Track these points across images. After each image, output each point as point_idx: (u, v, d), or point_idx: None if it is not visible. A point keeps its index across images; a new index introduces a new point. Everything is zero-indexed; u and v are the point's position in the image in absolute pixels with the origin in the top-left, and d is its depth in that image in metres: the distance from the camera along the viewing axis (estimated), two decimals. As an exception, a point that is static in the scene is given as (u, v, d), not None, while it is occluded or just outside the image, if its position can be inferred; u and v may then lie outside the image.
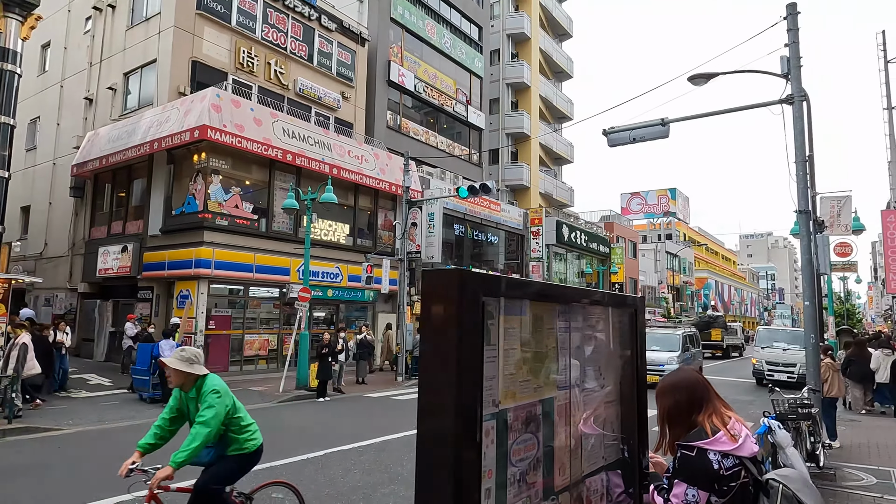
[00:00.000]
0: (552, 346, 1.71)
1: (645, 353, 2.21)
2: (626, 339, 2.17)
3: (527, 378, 1.57)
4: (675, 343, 16.51)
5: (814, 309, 8.63)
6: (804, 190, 8.82)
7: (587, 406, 1.93)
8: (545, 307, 1.68)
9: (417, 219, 20.92)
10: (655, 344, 16.36)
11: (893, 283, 26.39)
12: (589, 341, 1.95)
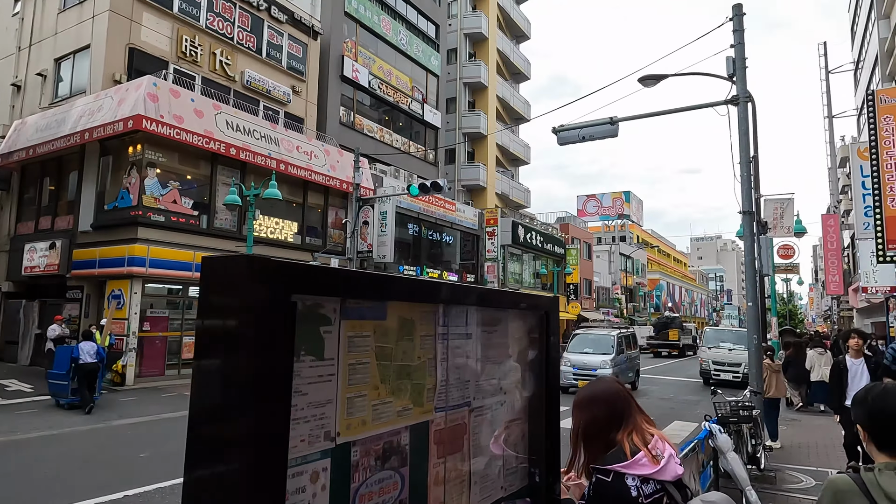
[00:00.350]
0: (428, 357, 1.38)
1: (557, 362, 1.91)
2: (536, 346, 1.87)
3: (386, 399, 1.23)
4: (609, 345, 15.48)
5: (756, 310, 8.63)
6: (748, 191, 8.82)
7: (482, 427, 1.60)
8: (418, 309, 1.34)
9: (369, 217, 20.44)
10: (588, 346, 15.70)
11: (833, 284, 27.41)
12: (485, 350, 1.63)
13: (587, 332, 17.32)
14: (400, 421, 1.27)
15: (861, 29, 32.96)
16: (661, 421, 11.33)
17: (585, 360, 14.88)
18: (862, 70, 33.33)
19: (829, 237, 26.68)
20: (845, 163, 37.80)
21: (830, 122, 38.90)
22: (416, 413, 1.32)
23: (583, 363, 14.84)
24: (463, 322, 1.53)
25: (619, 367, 14.89)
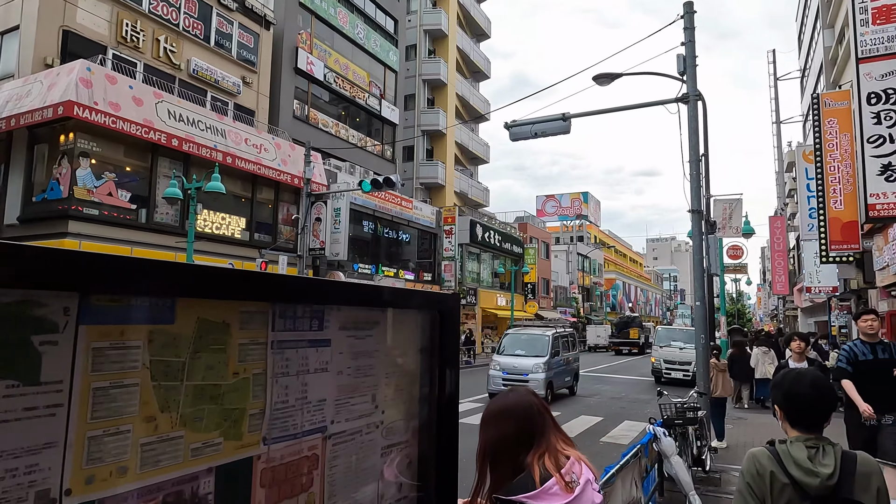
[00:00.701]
0: (254, 372, 1.04)
1: (455, 372, 1.60)
2: (427, 353, 1.55)
3: (172, 434, 0.89)
4: (543, 346, 14.08)
5: (704, 309, 8.60)
6: (697, 189, 8.78)
7: (345, 457, 1.28)
8: (236, 309, 1.01)
9: (322, 214, 19.88)
10: (520, 348, 14.42)
11: (779, 284, 28.25)
12: (353, 360, 1.31)
13: (519, 332, 15.70)
14: (198, 462, 0.93)
15: (807, 38, 34.04)
16: (611, 421, 11.26)
17: (517, 364, 13.62)
18: (808, 77, 34.41)
19: (775, 238, 27.47)
20: (792, 167, 39.09)
21: (778, 128, 40.24)
22: (229, 449, 0.99)
23: (513, 367, 13.63)
24: (316, 325, 1.20)
25: (554, 371, 13.87)
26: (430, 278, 28.27)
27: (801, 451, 1.86)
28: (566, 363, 15.02)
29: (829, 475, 1.79)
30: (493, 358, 14.36)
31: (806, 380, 1.98)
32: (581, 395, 15.12)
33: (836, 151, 12.32)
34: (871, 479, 1.82)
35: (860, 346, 5.15)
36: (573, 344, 16.13)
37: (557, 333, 14.95)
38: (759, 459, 1.93)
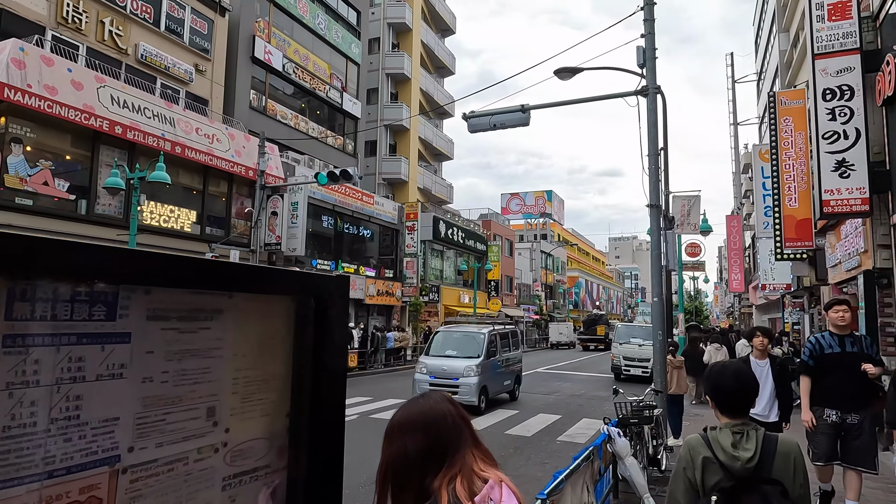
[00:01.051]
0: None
1: (340, 373, 1.26)
2: (300, 352, 1.21)
3: None
4: (478, 346, 12.31)
5: (662, 305, 8.47)
6: (655, 184, 8.64)
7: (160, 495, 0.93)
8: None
9: (278, 207, 19.25)
10: (452, 348, 12.61)
11: (735, 282, 28.82)
12: (176, 360, 0.96)
13: (451, 331, 13.66)
14: None
15: (764, 42, 34.84)
16: (569, 419, 11.10)
17: (446, 367, 11.87)
18: (764, 80, 35.21)
19: (732, 237, 28.00)
20: (748, 168, 40.00)
21: (736, 129, 41.11)
22: None
23: (442, 370, 11.90)
24: (102, 313, 0.84)
25: (489, 375, 12.21)
26: (392, 275, 27.84)
27: (727, 437, 2.06)
28: (506, 365, 13.36)
29: (749, 458, 1.99)
30: (419, 360, 12.50)
31: (729, 371, 2.22)
32: (541, 393, 14.97)
33: (791, 150, 12.44)
34: (789, 460, 2.02)
35: (828, 338, 4.79)
36: (515, 343, 14.50)
37: (495, 331, 13.26)
38: (693, 445, 2.13)
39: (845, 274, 10.15)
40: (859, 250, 8.91)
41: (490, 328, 13.32)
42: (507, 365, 13.49)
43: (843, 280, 10.54)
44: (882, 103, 7.95)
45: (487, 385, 12.12)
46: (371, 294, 25.43)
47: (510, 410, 11.79)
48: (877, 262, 8.28)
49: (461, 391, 11.29)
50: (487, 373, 12.14)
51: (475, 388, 11.57)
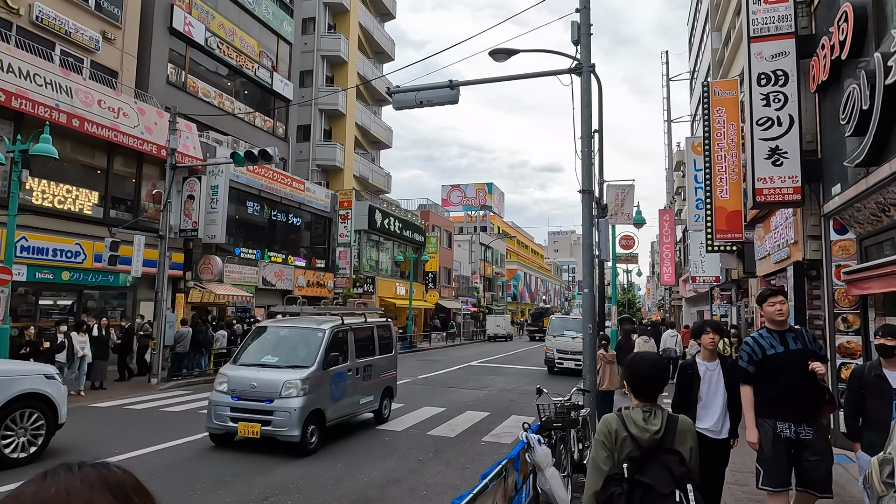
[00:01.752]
0: None
1: None
2: None
3: None
4: (311, 351, 8.28)
5: (593, 297, 7.99)
6: (588, 168, 8.13)
7: None
8: None
9: (195, 191, 17.81)
10: (271, 352, 8.67)
11: (667, 275, 29.37)
12: None
13: (278, 326, 9.42)
14: None
15: (697, 41, 35.64)
16: (497, 416, 10.56)
17: (257, 381, 7.83)
18: (696, 79, 36.05)
19: (664, 231, 28.47)
20: (680, 166, 41.09)
21: (669, 126, 42.02)
22: None
23: (251, 387, 7.82)
24: None
25: (327, 392, 8.22)
26: (324, 265, 26.70)
27: (638, 415, 2.44)
28: (363, 376, 9.24)
29: (656, 431, 2.38)
30: (220, 371, 8.50)
31: (645, 362, 2.60)
32: (471, 388, 14.43)
33: (723, 140, 12.32)
34: (686, 435, 2.44)
35: (766, 337, 4.04)
36: (387, 345, 10.29)
37: (345, 327, 8.96)
38: (610, 422, 2.49)
39: (773, 266, 10.03)
40: (789, 241, 8.75)
41: (336, 322, 8.95)
42: (367, 376, 9.36)
43: (772, 272, 10.45)
44: (815, 89, 7.73)
45: (324, 407, 8.11)
46: (300, 285, 24.23)
47: (435, 408, 11.14)
48: (807, 253, 8.10)
49: (276, 421, 7.51)
50: (324, 389, 8.15)
51: (297, 415, 7.51)
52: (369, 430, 9.11)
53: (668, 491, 2.27)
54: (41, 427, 6.98)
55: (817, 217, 8.03)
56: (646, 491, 2.28)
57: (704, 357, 4.30)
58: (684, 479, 2.31)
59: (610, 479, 2.36)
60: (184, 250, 18.18)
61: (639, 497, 2.28)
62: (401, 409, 10.92)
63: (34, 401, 6.92)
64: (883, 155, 5.76)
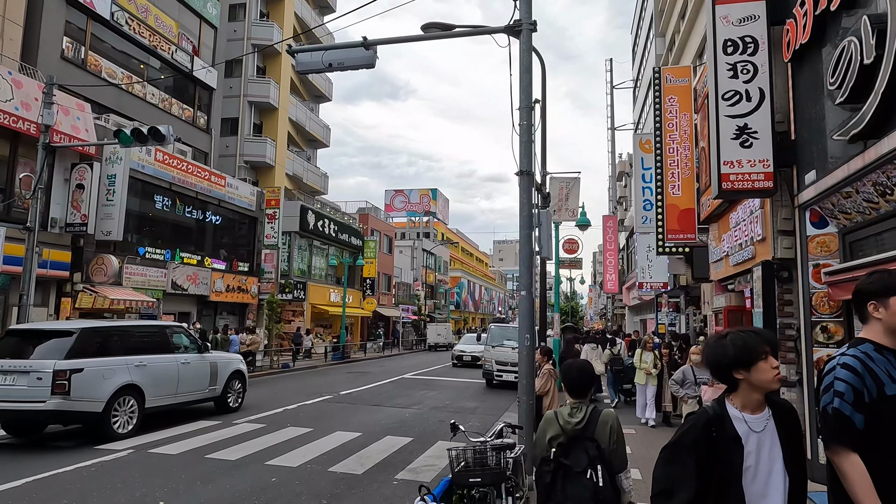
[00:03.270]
0: None
1: None
2: None
3: None
4: None
5: (531, 302, 6.54)
6: (528, 145, 6.70)
7: None
8: None
9: (86, 179, 15.47)
10: None
11: (610, 282, 28.66)
12: None
13: None
14: None
15: (641, 48, 35.47)
16: (421, 442, 8.95)
17: None
18: (640, 87, 35.90)
19: (608, 237, 27.76)
20: (622, 177, 40.99)
21: (613, 134, 41.83)
22: None
23: None
24: None
25: None
26: (248, 269, 24.45)
27: (566, 410, 3.09)
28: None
29: (578, 422, 2.98)
30: None
31: (575, 367, 3.30)
32: (398, 406, 12.78)
33: (675, 132, 11.28)
34: (607, 424, 2.99)
35: (880, 361, 2.07)
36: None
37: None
38: (547, 417, 3.16)
39: (732, 269, 8.92)
40: (755, 238, 7.60)
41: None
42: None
43: (730, 276, 9.35)
44: (790, 58, 6.59)
45: None
46: (218, 290, 21.94)
47: (349, 433, 9.43)
48: (777, 251, 6.94)
49: None
50: None
51: None
52: (254, 464, 7.32)
53: (581, 469, 2.86)
54: (241, 389, 11.76)
55: (790, 209, 6.89)
56: (566, 470, 2.90)
57: (745, 405, 2.06)
58: (596, 461, 2.86)
59: (542, 460, 3.03)
60: (72, 248, 15.75)
61: (561, 475, 2.90)
62: (305, 435, 9.15)
63: (238, 375, 11.66)
64: (890, 122, 4.56)
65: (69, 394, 7.88)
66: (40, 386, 7.77)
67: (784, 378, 6.83)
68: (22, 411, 7.88)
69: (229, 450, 8.00)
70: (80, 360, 8.16)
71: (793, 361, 6.76)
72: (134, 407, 8.86)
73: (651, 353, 10.27)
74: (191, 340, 10.80)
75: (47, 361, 7.93)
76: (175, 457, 7.60)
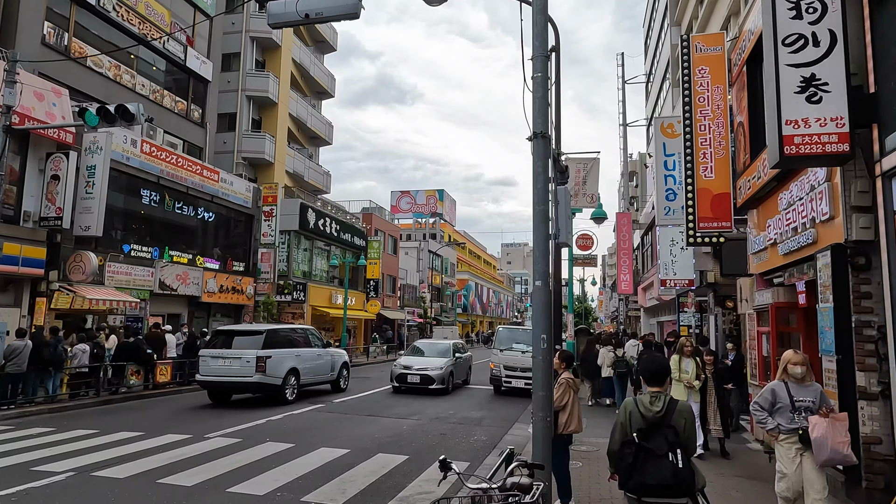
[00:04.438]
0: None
1: None
2: None
3: None
4: None
5: (548, 294, 5.27)
6: (543, 101, 5.45)
7: None
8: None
9: (61, 170, 14.36)
10: None
11: (624, 283, 27.27)
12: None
13: None
14: None
15: (654, 40, 34.15)
16: (419, 461, 7.69)
17: None
18: (653, 82, 34.61)
19: (622, 235, 26.39)
20: (633, 177, 39.60)
21: (625, 130, 40.32)
22: None
23: None
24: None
25: None
26: (243, 268, 23.30)
27: (647, 398, 3.56)
28: None
29: (658, 410, 3.46)
30: None
31: (654, 361, 3.88)
32: (395, 417, 11.51)
33: (707, 107, 9.98)
34: (682, 414, 3.49)
35: None
36: None
37: None
38: (627, 405, 3.61)
39: (782, 259, 7.59)
40: (818, 219, 6.29)
41: None
42: None
43: (777, 268, 8.02)
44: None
45: None
46: (211, 290, 20.80)
47: (336, 450, 8.18)
48: (851, 232, 5.64)
49: None
50: None
51: None
52: (213, 492, 6.08)
53: (663, 453, 3.30)
54: (347, 376, 15.66)
55: (866, 180, 5.59)
56: (648, 452, 3.33)
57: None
58: (675, 445, 3.32)
59: (624, 443, 3.50)
60: (47, 244, 14.63)
61: (643, 457, 3.34)
62: (284, 453, 7.91)
63: (345, 365, 15.64)
64: None
65: (265, 372, 12.25)
66: (248, 366, 12.17)
67: (863, 389, 5.52)
68: (237, 382, 12.35)
69: (188, 473, 6.76)
70: (269, 350, 12.50)
71: (873, 368, 5.45)
72: (294, 383, 13.08)
73: (692, 361, 7.93)
74: (320, 340, 15.30)
75: (251, 351, 12.31)
76: (121, 482, 6.38)
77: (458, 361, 16.71)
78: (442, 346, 17.05)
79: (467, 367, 18.03)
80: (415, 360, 15.70)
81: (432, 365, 15.31)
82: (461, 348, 18.33)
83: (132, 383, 13.74)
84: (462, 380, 17.35)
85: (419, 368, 15.18)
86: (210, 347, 12.78)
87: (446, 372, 15.34)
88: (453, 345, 17.43)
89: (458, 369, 16.62)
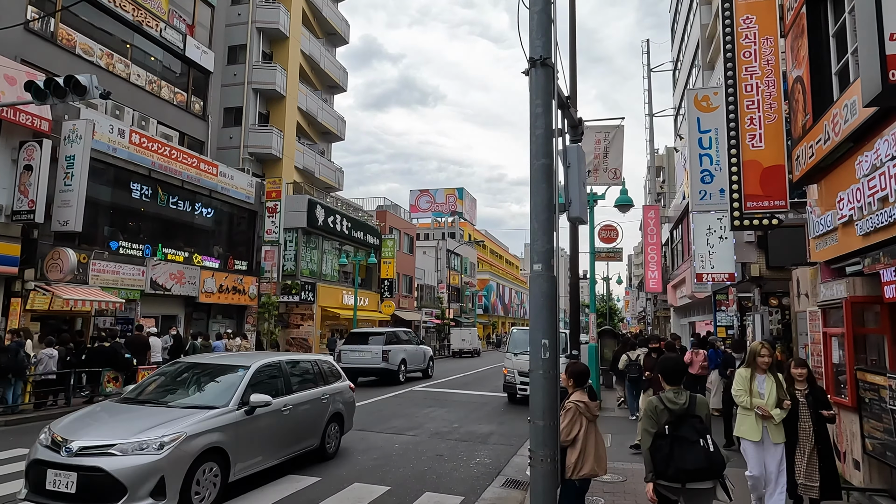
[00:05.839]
0: None
1: None
2: None
3: None
4: None
5: (550, 284, 3.75)
6: (543, 17, 3.94)
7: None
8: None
9: (34, 159, 13.27)
10: None
11: (653, 281, 25.39)
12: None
13: None
14: None
15: (682, 24, 32.21)
16: (403, 492, 6.21)
17: None
18: (681, 69, 32.68)
19: (649, 229, 24.58)
20: (660, 172, 37.60)
21: (651, 121, 38.41)
22: None
23: None
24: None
25: None
26: (246, 267, 22.14)
27: (670, 394, 3.84)
28: None
29: (683, 403, 3.77)
30: None
31: (672, 361, 4.17)
32: (391, 432, 10.05)
33: (754, 64, 8.32)
34: (704, 404, 3.87)
35: None
36: None
37: None
38: (652, 401, 3.89)
39: (861, 240, 5.94)
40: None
41: None
42: None
43: (852, 252, 6.35)
44: None
45: None
46: (209, 290, 19.64)
47: (304, 477, 6.75)
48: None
49: None
50: None
51: None
52: None
53: (695, 440, 3.62)
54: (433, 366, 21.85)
55: None
56: (681, 441, 3.62)
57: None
58: (705, 432, 3.67)
59: (657, 436, 3.73)
60: (22, 240, 13.55)
61: (677, 445, 3.62)
62: (237, 483, 6.50)
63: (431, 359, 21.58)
64: None
65: (388, 361, 17.83)
66: (376, 357, 17.78)
67: None
68: (369, 368, 17.82)
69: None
70: (389, 346, 18.21)
71: None
72: (404, 369, 18.52)
73: (770, 378, 5.09)
74: (417, 337, 21.10)
75: (378, 346, 18.03)
76: None
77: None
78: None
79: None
80: None
81: None
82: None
83: (109, 390, 12.54)
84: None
85: None
86: (347, 344, 18.74)
87: None
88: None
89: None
